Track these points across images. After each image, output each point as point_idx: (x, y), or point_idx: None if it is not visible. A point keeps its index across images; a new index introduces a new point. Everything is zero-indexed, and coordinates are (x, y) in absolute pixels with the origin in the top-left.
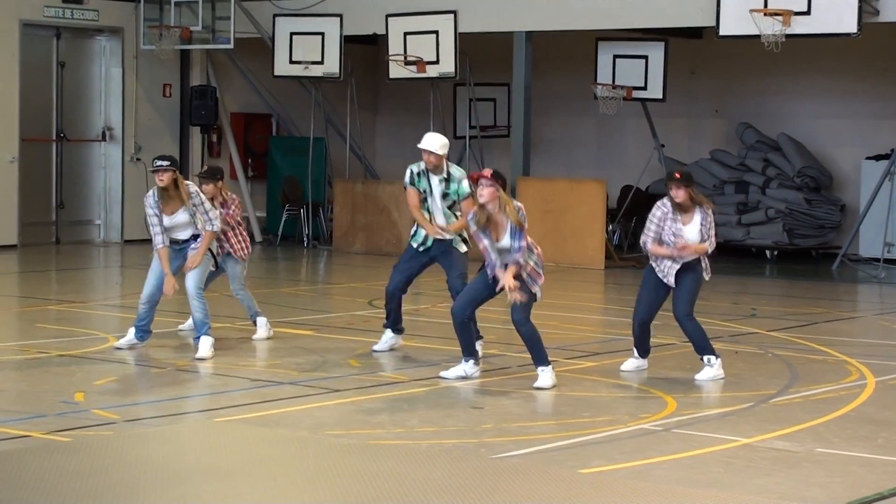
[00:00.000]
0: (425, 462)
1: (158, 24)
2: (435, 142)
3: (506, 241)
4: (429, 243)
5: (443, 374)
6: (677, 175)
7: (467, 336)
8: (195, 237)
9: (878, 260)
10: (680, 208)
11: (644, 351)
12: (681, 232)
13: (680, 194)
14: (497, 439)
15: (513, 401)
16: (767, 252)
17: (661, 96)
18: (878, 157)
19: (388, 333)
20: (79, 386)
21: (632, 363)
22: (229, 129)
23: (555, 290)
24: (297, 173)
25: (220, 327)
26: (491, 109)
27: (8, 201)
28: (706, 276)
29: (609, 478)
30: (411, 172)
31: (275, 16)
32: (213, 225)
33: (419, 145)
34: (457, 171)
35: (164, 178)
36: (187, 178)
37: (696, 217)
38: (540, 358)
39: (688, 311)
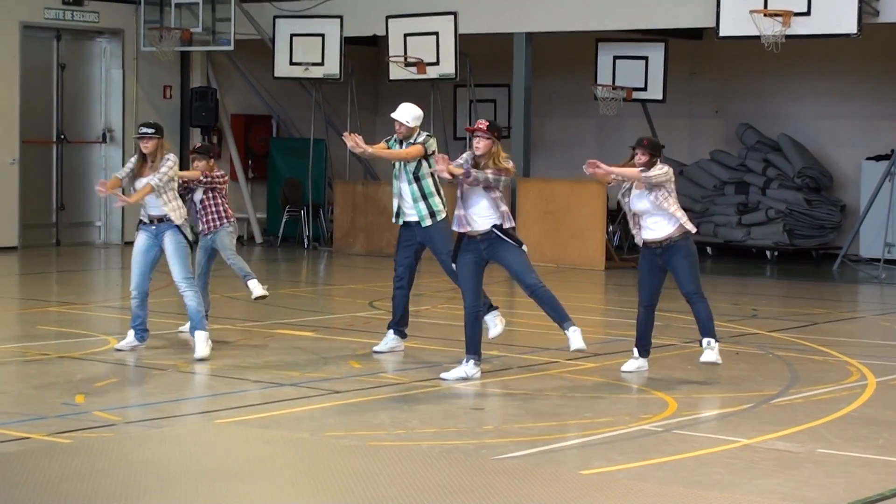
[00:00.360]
0: (426, 463)
1: (159, 25)
2: (407, 113)
3: None
4: (400, 220)
5: (443, 375)
6: (644, 141)
7: (477, 331)
8: (168, 220)
9: (878, 260)
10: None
11: (644, 349)
12: (629, 196)
13: (643, 160)
14: (498, 440)
15: (513, 402)
16: (768, 252)
17: (661, 97)
18: (878, 158)
19: (390, 335)
20: (79, 387)
21: (633, 364)
22: (230, 131)
23: (555, 290)
24: (297, 175)
25: (220, 328)
26: (491, 110)
27: (8, 203)
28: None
29: (610, 479)
30: (386, 141)
31: (275, 17)
32: (154, 178)
33: (392, 114)
34: (432, 140)
35: (149, 146)
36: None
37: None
38: (563, 317)
39: (694, 289)
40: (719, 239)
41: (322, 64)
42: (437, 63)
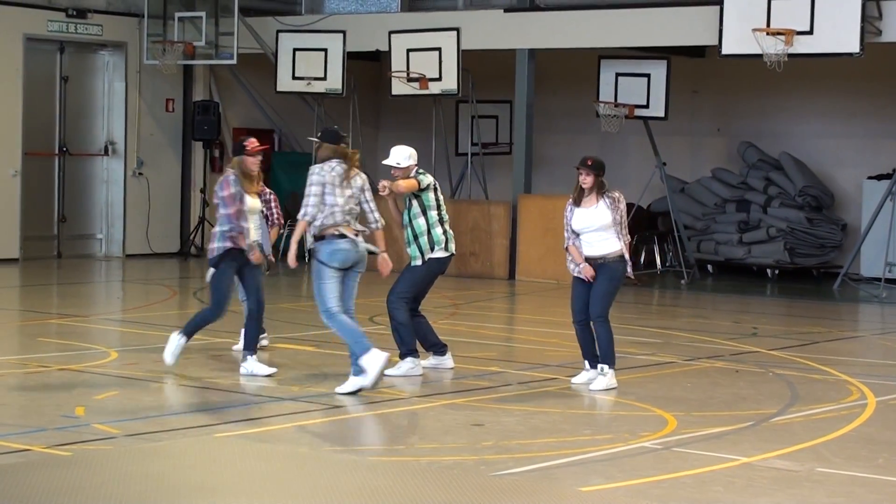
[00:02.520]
0: (425, 479)
1: (162, 39)
2: (398, 155)
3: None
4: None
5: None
6: (589, 161)
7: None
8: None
9: (879, 279)
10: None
11: (593, 358)
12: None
13: (588, 180)
14: (497, 457)
15: (513, 418)
16: (769, 271)
17: (663, 114)
18: (879, 177)
19: (431, 357)
20: (79, 400)
21: (584, 376)
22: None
23: (556, 307)
24: (299, 189)
25: (220, 341)
26: (493, 127)
27: (10, 215)
28: (629, 272)
29: (609, 496)
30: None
31: (278, 32)
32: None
33: (384, 161)
34: (425, 177)
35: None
36: (191, 192)
37: (601, 203)
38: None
39: (601, 311)
40: (720, 257)
41: (324, 79)
42: (440, 79)
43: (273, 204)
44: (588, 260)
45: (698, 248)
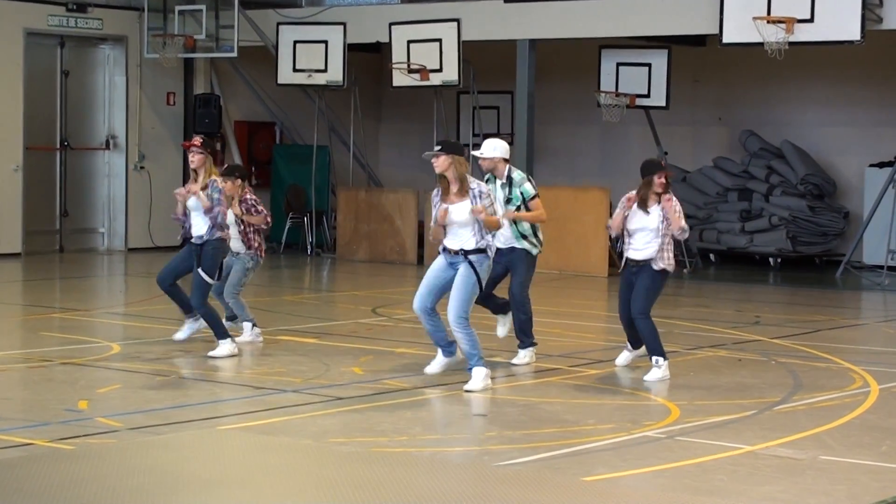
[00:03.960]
0: (428, 470)
1: (162, 32)
2: (487, 146)
3: None
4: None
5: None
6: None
7: None
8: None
9: (881, 267)
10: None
11: (636, 342)
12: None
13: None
14: (500, 447)
15: (516, 408)
16: (771, 259)
17: (664, 104)
18: (881, 165)
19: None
20: (82, 394)
21: (625, 356)
22: (233, 138)
23: (559, 297)
24: (300, 181)
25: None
26: (494, 117)
27: (12, 209)
28: (668, 268)
29: (612, 485)
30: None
31: (278, 24)
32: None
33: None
34: (517, 174)
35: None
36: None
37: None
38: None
39: (641, 309)
40: (722, 246)
41: (325, 71)
42: (441, 70)
43: (257, 208)
44: (629, 262)
45: (700, 237)
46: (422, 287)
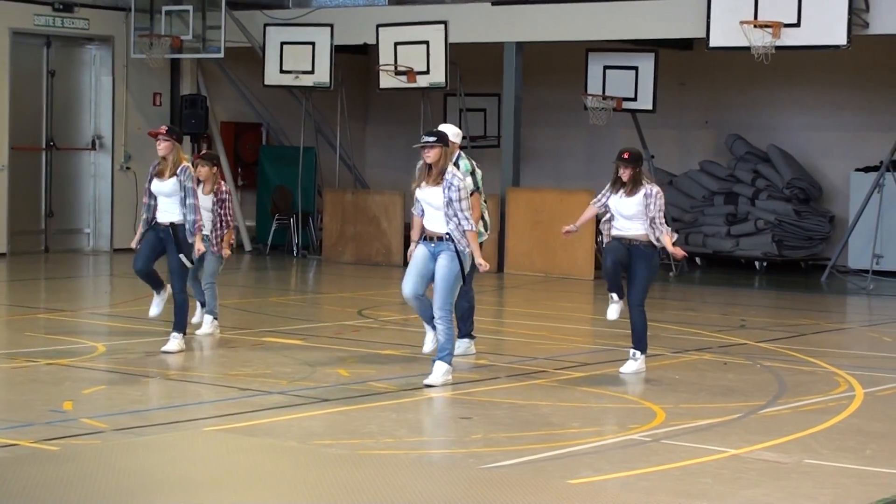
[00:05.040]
0: (414, 472)
1: (149, 32)
2: (451, 131)
3: None
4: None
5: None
6: (626, 155)
7: None
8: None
9: (866, 271)
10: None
11: (619, 290)
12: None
13: (626, 174)
14: (485, 450)
15: (501, 411)
16: (757, 263)
17: (650, 107)
18: (867, 169)
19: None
20: (67, 395)
21: (614, 309)
22: (219, 139)
23: (544, 300)
24: (286, 183)
25: (207, 335)
26: (481, 120)
27: None
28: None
29: (597, 488)
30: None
31: (265, 25)
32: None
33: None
34: (464, 164)
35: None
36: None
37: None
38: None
39: (639, 301)
40: (708, 249)
41: (312, 72)
42: (428, 72)
43: (227, 203)
44: (616, 239)
45: (686, 241)
46: (410, 274)
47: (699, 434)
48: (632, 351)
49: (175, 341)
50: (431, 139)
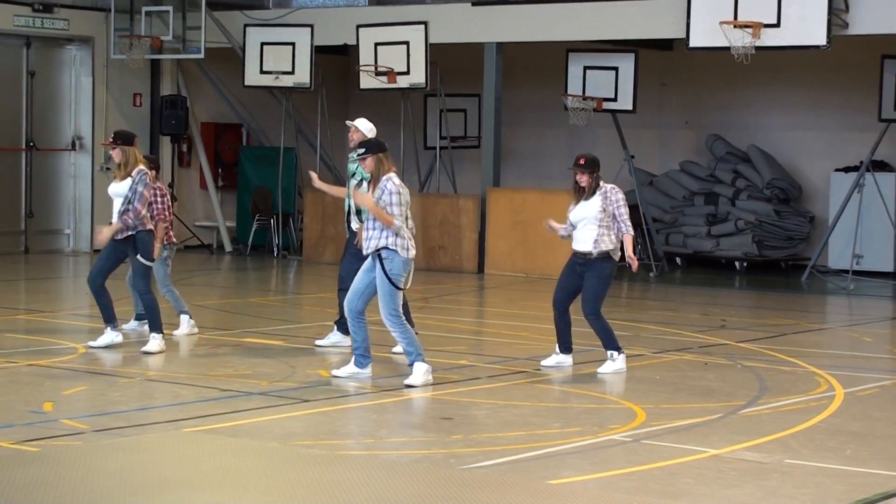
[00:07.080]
0: (394, 473)
1: (129, 33)
2: (364, 125)
3: None
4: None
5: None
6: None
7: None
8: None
9: (846, 271)
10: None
11: (565, 346)
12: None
13: (583, 179)
14: (466, 450)
15: (482, 411)
16: (737, 263)
17: (631, 108)
18: (847, 170)
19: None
20: (47, 396)
21: (552, 359)
22: (199, 139)
23: (525, 300)
24: (267, 183)
25: (187, 336)
26: (461, 120)
27: None
28: (632, 268)
29: (579, 489)
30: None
31: (245, 26)
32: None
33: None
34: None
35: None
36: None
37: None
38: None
39: (592, 309)
40: (688, 250)
41: (292, 73)
42: (408, 72)
43: (161, 199)
44: (575, 255)
45: (667, 241)
46: (350, 290)
47: (680, 434)
48: (609, 352)
49: (154, 342)
50: (360, 151)
